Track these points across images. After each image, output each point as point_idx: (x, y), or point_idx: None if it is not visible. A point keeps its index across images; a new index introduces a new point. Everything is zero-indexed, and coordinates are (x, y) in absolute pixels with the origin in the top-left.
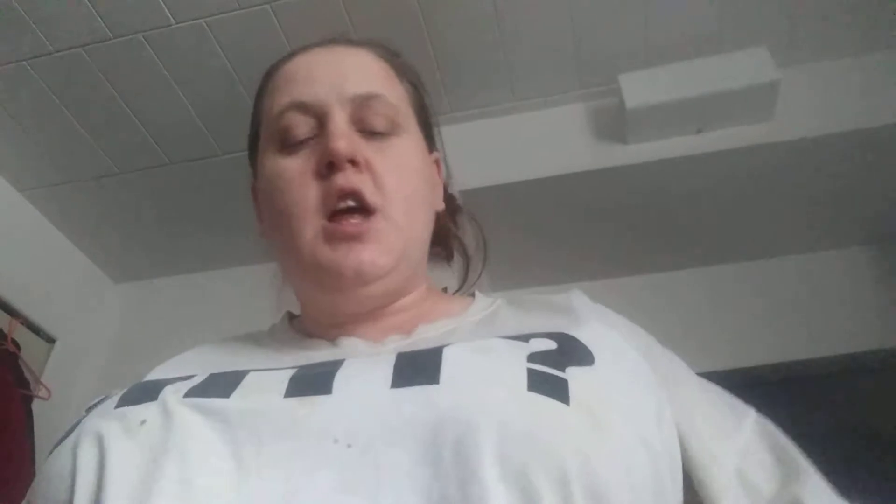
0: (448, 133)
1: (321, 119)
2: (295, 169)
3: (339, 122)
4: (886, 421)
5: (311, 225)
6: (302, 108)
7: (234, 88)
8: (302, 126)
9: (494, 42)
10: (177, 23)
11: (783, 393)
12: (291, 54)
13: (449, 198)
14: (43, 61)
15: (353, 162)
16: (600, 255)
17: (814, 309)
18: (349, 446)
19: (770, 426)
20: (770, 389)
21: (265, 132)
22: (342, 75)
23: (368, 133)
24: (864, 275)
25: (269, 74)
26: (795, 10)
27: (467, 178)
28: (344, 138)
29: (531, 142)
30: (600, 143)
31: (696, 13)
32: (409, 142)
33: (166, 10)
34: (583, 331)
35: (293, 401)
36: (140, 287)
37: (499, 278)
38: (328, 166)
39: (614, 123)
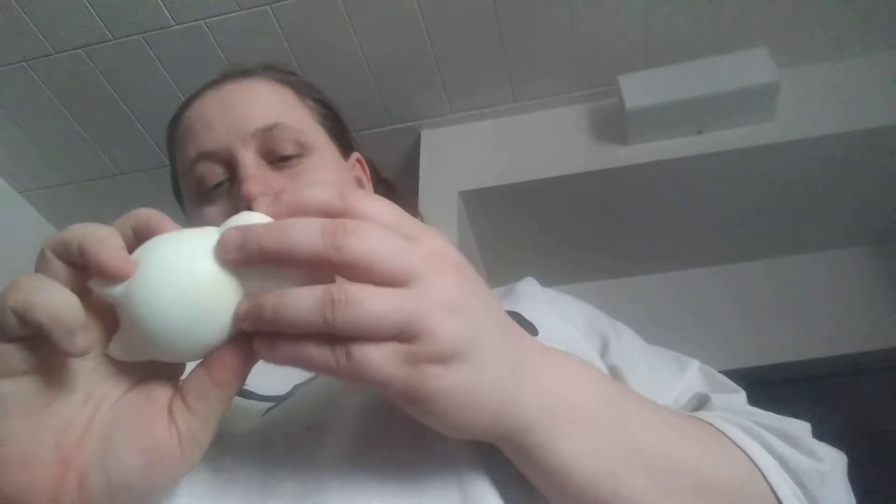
0: (448, 133)
1: (229, 162)
2: (217, 214)
3: (247, 162)
4: (887, 420)
5: None
6: (208, 156)
7: None
8: (213, 173)
9: (494, 42)
10: (177, 24)
11: (784, 393)
12: (186, 103)
13: (384, 184)
14: (43, 62)
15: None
16: (600, 256)
17: (814, 309)
18: (308, 429)
19: (713, 371)
20: (770, 389)
21: (183, 185)
22: (238, 114)
23: (279, 161)
24: (864, 275)
25: (172, 127)
26: (795, 11)
27: (467, 179)
28: (253, 180)
29: (531, 142)
30: (600, 143)
31: (696, 13)
32: (320, 158)
33: (166, 11)
34: (525, 307)
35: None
36: None
37: (498, 278)
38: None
39: (614, 124)
